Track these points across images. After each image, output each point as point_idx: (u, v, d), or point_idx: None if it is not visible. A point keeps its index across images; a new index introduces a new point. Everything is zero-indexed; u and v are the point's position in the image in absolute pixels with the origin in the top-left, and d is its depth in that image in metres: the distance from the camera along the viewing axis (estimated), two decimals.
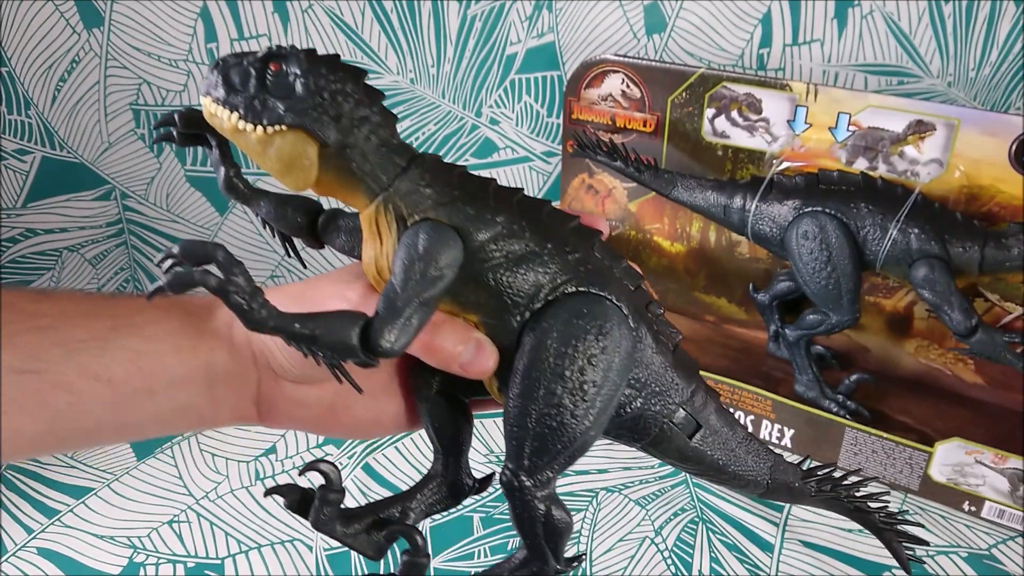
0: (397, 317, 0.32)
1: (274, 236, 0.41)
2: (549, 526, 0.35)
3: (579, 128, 0.78)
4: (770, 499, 0.42)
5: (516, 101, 0.86)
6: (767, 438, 0.68)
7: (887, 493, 0.42)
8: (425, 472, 0.41)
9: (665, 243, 0.80)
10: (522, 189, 0.36)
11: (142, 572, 0.56)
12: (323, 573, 0.56)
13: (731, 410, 0.69)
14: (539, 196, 0.89)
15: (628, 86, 0.74)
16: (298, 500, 0.38)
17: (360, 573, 0.56)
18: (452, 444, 0.40)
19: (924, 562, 0.56)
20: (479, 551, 0.57)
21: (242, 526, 0.59)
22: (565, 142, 0.80)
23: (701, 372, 0.38)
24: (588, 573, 0.56)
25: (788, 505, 0.62)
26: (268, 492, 0.38)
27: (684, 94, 0.72)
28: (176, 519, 0.60)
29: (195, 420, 0.40)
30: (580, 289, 0.35)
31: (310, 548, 0.58)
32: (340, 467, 0.64)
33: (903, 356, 0.72)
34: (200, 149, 0.41)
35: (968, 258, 0.62)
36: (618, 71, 0.74)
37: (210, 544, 0.58)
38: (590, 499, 0.62)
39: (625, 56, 0.74)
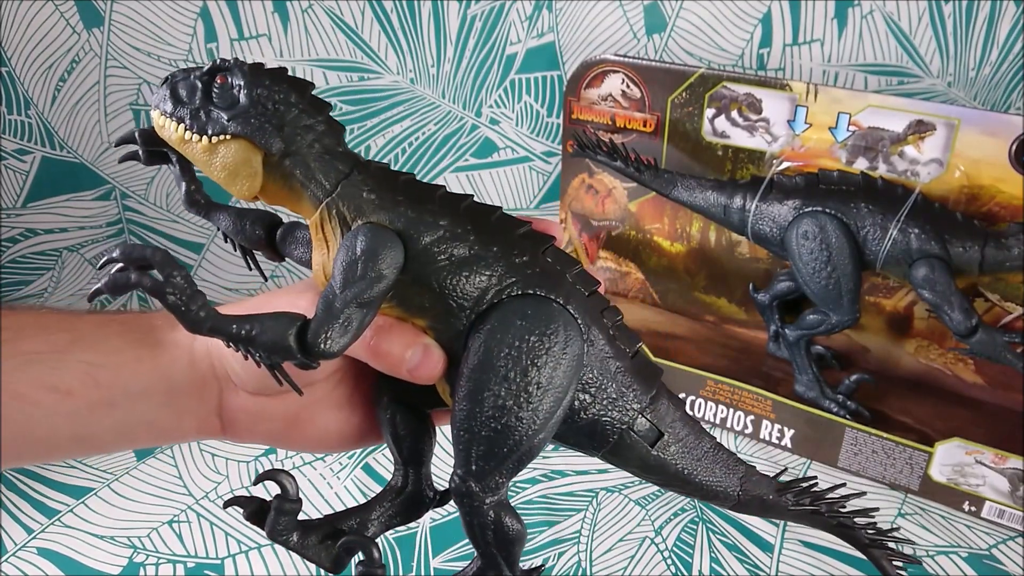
0: (335, 318, 0.32)
1: (235, 250, 0.42)
2: (500, 534, 0.35)
3: (579, 128, 0.78)
4: (742, 512, 0.40)
5: (516, 101, 0.86)
6: (767, 438, 0.68)
7: (875, 510, 0.41)
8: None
9: (665, 243, 0.80)
10: (472, 196, 0.36)
11: (142, 572, 0.56)
12: (323, 574, 0.56)
13: (732, 410, 0.69)
14: (539, 196, 0.90)
15: (628, 86, 0.74)
16: (256, 510, 0.38)
17: None
18: (412, 455, 0.40)
19: (921, 562, 0.57)
20: None
21: (242, 526, 0.59)
22: (565, 142, 0.80)
23: (703, 373, 0.38)
24: (588, 573, 0.56)
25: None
26: (227, 504, 0.38)
27: (684, 94, 0.72)
28: (176, 519, 0.60)
29: (157, 434, 0.40)
30: (526, 292, 0.35)
31: None
32: (340, 467, 0.64)
33: (903, 356, 0.72)
34: None
35: (968, 258, 0.62)
36: (618, 71, 0.74)
37: (210, 544, 0.58)
38: (590, 499, 0.62)
39: (625, 56, 0.74)
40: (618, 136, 0.76)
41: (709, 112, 0.71)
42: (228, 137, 0.34)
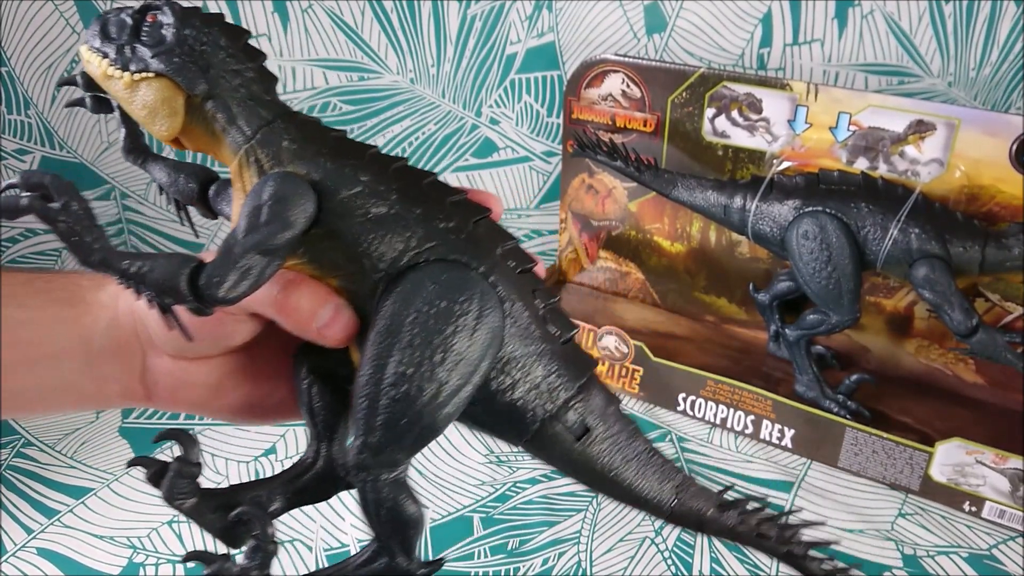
0: (233, 264, 0.31)
1: (169, 203, 0.41)
2: (395, 515, 0.33)
3: (579, 128, 0.78)
4: (677, 524, 0.37)
5: (516, 101, 0.86)
6: (767, 438, 0.68)
7: (834, 542, 0.37)
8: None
9: (665, 243, 0.80)
10: (406, 159, 0.35)
11: (142, 572, 0.56)
12: None
13: (732, 410, 0.69)
14: (539, 196, 0.90)
15: (628, 86, 0.74)
16: (158, 472, 0.36)
17: None
18: (327, 430, 0.38)
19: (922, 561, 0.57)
20: (479, 551, 0.57)
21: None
22: (565, 142, 0.80)
23: (703, 373, 0.37)
24: (588, 573, 0.56)
25: (788, 505, 0.62)
26: (131, 463, 0.36)
27: (684, 94, 0.72)
28: (176, 519, 0.60)
29: (78, 397, 0.39)
30: (445, 257, 0.33)
31: (310, 548, 0.57)
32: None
33: (903, 356, 0.72)
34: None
35: (969, 258, 0.62)
36: (618, 71, 0.74)
37: (210, 544, 0.58)
38: (590, 499, 0.62)
39: (625, 56, 0.74)
40: (618, 136, 0.76)
41: (709, 112, 0.71)
42: (151, 75, 0.34)
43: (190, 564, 0.35)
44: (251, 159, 0.34)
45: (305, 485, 0.38)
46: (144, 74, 0.34)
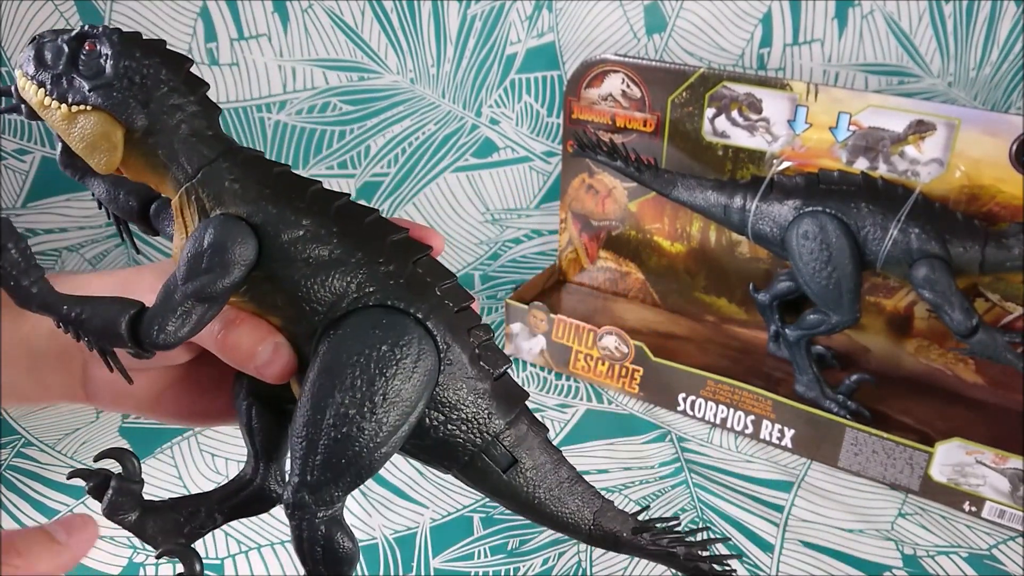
0: (172, 310, 0.31)
1: (109, 218, 0.40)
2: (329, 552, 0.33)
3: (579, 128, 0.78)
4: (596, 546, 0.39)
5: (516, 101, 0.86)
6: (767, 438, 0.68)
7: (736, 557, 0.39)
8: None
9: (665, 243, 0.80)
10: (348, 195, 0.35)
11: (142, 572, 0.56)
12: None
13: (732, 410, 0.69)
14: (539, 196, 0.90)
15: (628, 86, 0.74)
16: (99, 485, 0.36)
17: (360, 573, 0.56)
18: (264, 450, 0.38)
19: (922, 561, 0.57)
20: (479, 551, 0.57)
21: (242, 526, 0.59)
22: (565, 142, 0.80)
23: (703, 373, 0.37)
24: (588, 573, 0.56)
25: (788, 505, 0.62)
26: (71, 475, 0.36)
27: (684, 94, 0.72)
28: None
29: (22, 398, 0.40)
30: (384, 303, 0.33)
31: None
32: None
33: (903, 356, 0.72)
34: None
35: (969, 258, 0.62)
36: (618, 71, 0.74)
37: (210, 544, 0.58)
38: None
39: (625, 56, 0.74)
40: (618, 136, 0.76)
41: (709, 112, 0.71)
42: (88, 108, 0.33)
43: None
44: (192, 198, 0.34)
45: (243, 500, 0.38)
46: (82, 107, 0.33)
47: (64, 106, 0.33)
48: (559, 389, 0.75)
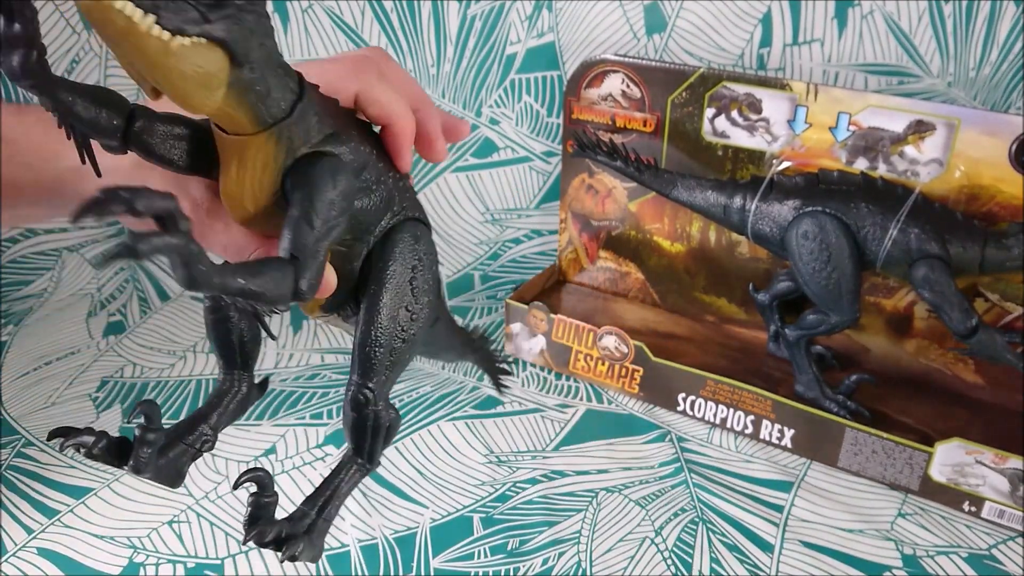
0: (313, 257, 0.32)
1: (69, 137, 0.34)
2: (391, 430, 0.39)
3: (579, 128, 0.78)
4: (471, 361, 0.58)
5: (516, 101, 0.86)
6: (767, 438, 0.68)
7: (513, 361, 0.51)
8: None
9: (665, 243, 0.80)
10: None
11: (142, 572, 0.56)
12: (323, 573, 0.56)
13: (732, 410, 0.69)
14: (539, 196, 0.90)
15: (628, 86, 0.74)
16: (107, 448, 0.37)
17: (360, 573, 0.56)
18: (243, 359, 0.41)
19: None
20: (479, 551, 0.57)
21: (242, 526, 0.59)
22: (565, 142, 0.80)
23: (703, 373, 0.39)
24: (588, 573, 0.56)
25: (788, 505, 0.62)
26: (53, 434, 0.37)
27: (684, 94, 0.72)
28: (176, 519, 0.60)
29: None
30: (413, 216, 0.40)
31: None
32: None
33: (903, 356, 0.72)
34: None
35: (968, 258, 0.62)
36: (618, 71, 0.74)
37: (210, 544, 0.58)
38: (590, 499, 0.62)
39: (625, 56, 0.74)
40: (618, 136, 0.76)
41: (709, 112, 0.71)
42: (205, 41, 0.29)
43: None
44: (283, 136, 0.33)
45: (230, 410, 0.42)
46: (199, 39, 0.28)
47: (178, 39, 0.28)
48: (559, 389, 0.75)
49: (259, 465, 0.40)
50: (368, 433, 0.38)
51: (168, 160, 0.35)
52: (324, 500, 0.38)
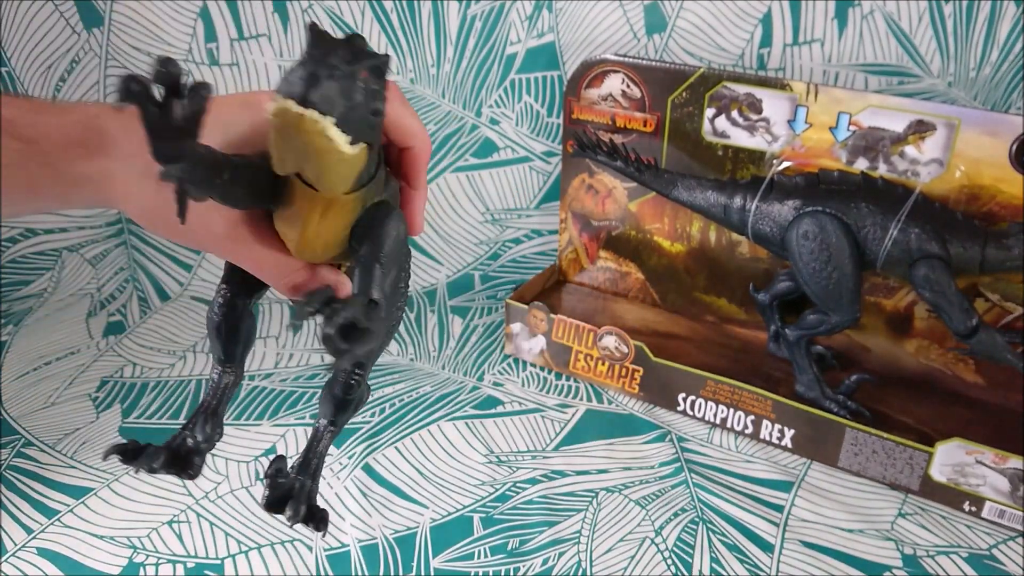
0: (378, 284, 0.34)
1: (182, 206, 0.31)
2: (364, 403, 0.42)
3: (579, 128, 0.78)
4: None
5: (516, 101, 0.86)
6: (767, 438, 0.68)
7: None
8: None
9: (665, 243, 0.80)
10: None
11: (142, 572, 0.56)
12: (323, 573, 0.56)
13: (732, 410, 0.69)
14: (539, 196, 0.90)
15: (628, 86, 0.74)
16: (167, 463, 0.41)
17: (360, 573, 0.56)
18: (243, 350, 0.43)
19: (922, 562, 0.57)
20: (479, 551, 0.57)
21: (242, 526, 0.59)
22: (565, 142, 0.80)
23: (703, 373, 0.39)
24: (588, 573, 0.56)
25: (788, 505, 0.62)
26: (107, 453, 0.41)
27: (684, 94, 0.72)
28: (176, 519, 0.60)
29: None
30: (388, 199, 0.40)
31: (310, 548, 0.58)
32: (340, 467, 0.64)
33: (903, 356, 0.72)
34: None
35: (968, 258, 0.62)
36: (618, 71, 0.74)
37: (210, 544, 0.58)
38: (590, 499, 0.62)
39: (625, 56, 0.74)
40: (618, 136, 0.76)
41: (709, 112, 0.71)
42: (365, 145, 0.31)
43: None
44: (368, 195, 0.35)
45: (231, 393, 0.43)
46: (364, 145, 0.31)
47: (356, 147, 0.30)
48: (559, 389, 0.75)
49: (259, 465, 0.40)
50: (350, 410, 0.41)
51: (232, 201, 0.35)
52: (314, 468, 0.41)
